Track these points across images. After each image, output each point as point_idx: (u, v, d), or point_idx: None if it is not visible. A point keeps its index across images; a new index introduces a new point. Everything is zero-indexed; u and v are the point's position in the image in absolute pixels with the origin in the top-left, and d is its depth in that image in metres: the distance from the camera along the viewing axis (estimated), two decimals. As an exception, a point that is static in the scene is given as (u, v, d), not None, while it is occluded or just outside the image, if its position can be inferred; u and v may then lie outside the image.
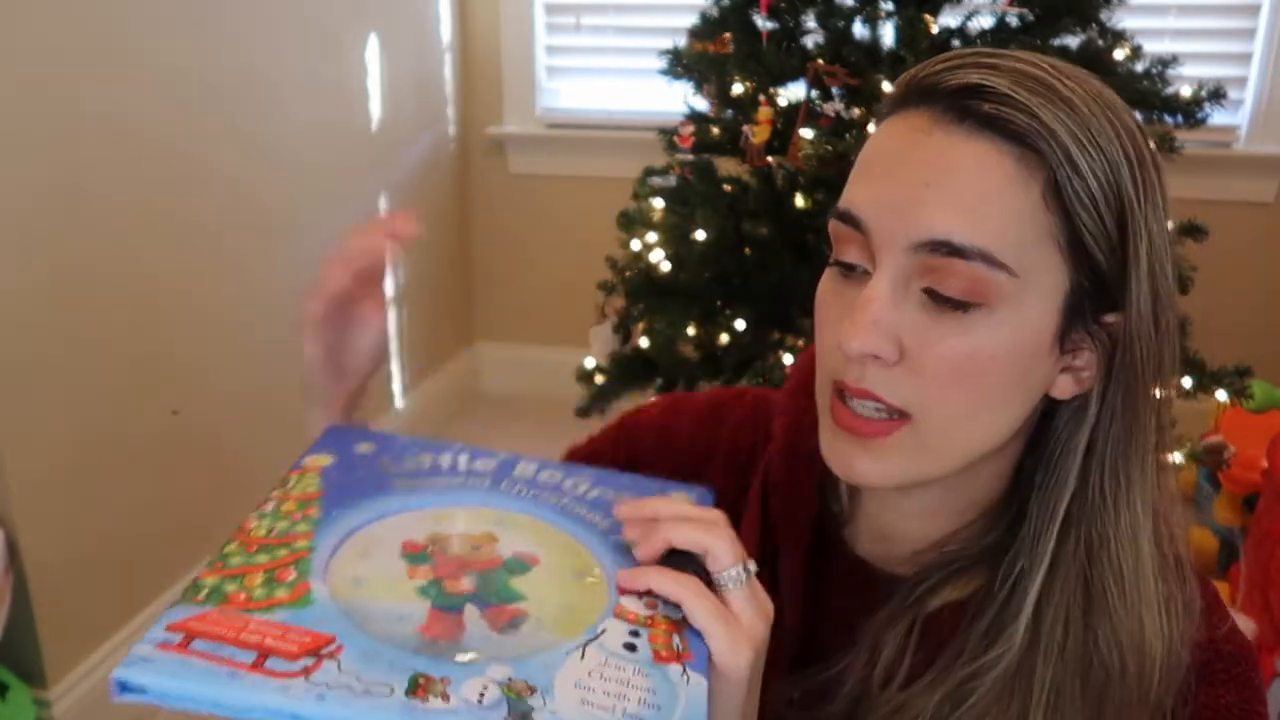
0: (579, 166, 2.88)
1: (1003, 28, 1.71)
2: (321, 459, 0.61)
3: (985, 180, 0.55)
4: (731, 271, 1.83)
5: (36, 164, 1.55)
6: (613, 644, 0.51)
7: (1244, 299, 2.55)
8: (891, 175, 0.57)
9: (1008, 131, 0.55)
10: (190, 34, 1.83)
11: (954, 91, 0.56)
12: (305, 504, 0.57)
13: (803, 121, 1.68)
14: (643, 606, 0.53)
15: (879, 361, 0.57)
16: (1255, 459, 2.10)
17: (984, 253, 0.54)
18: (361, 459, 0.61)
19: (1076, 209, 0.55)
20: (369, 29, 2.42)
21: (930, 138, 0.56)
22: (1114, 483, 0.59)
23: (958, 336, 0.56)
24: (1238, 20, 2.52)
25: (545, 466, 0.64)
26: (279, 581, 0.51)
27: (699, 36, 1.89)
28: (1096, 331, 0.58)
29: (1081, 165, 0.55)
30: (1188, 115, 1.70)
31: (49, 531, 1.62)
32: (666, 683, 0.50)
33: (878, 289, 0.56)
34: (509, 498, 0.60)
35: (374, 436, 0.64)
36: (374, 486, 0.59)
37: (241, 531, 0.54)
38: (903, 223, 0.56)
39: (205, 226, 1.91)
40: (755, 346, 1.82)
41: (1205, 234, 1.74)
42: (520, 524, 0.58)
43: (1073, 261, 0.56)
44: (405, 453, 0.62)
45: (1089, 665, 0.59)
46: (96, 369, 1.69)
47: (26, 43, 1.51)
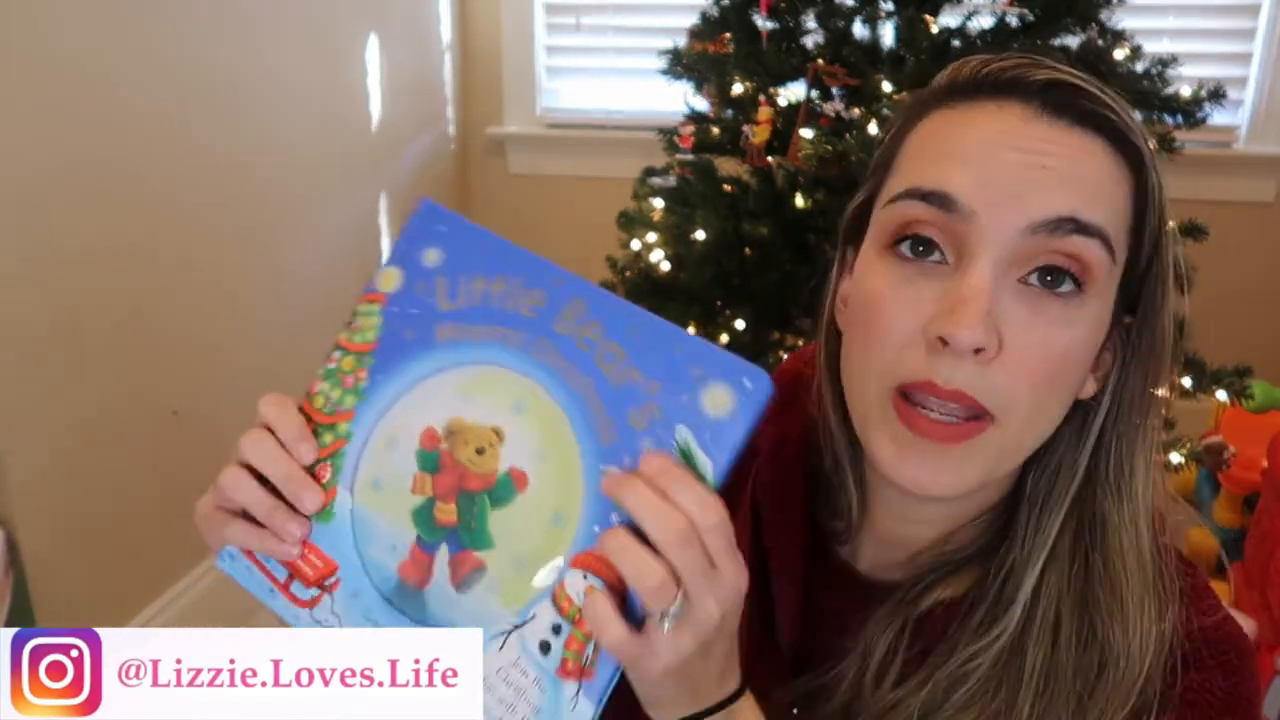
0: (579, 166, 2.87)
1: (1003, 28, 1.71)
2: (390, 278, 0.59)
3: (1096, 169, 0.56)
4: (731, 271, 1.83)
5: (36, 162, 1.54)
6: (532, 639, 0.52)
7: (1244, 299, 2.55)
8: (996, 160, 0.55)
9: (1107, 128, 0.56)
10: (190, 33, 1.83)
11: (1046, 85, 0.57)
12: (360, 361, 0.58)
13: (803, 121, 1.68)
14: (581, 591, 0.51)
15: (977, 358, 0.54)
16: (1255, 459, 2.10)
17: (1104, 231, 0.55)
18: (422, 285, 0.58)
19: (1149, 208, 0.58)
20: (369, 29, 2.42)
21: (1032, 126, 0.56)
22: (1119, 473, 0.60)
23: (1056, 327, 0.55)
24: (1238, 20, 2.52)
25: (592, 312, 0.54)
26: (318, 480, 0.56)
27: (699, 36, 1.89)
28: (1120, 329, 0.60)
29: (1156, 167, 0.57)
30: (1188, 115, 1.70)
31: (49, 530, 1.62)
32: (556, 704, 0.51)
33: (984, 276, 0.53)
34: (543, 356, 0.54)
35: (447, 238, 0.59)
36: (420, 340, 0.57)
37: (308, 399, 0.58)
38: (1020, 203, 0.54)
39: (205, 226, 1.91)
40: (755, 346, 1.82)
41: (1205, 234, 1.74)
42: (536, 410, 0.54)
43: (1130, 257, 0.58)
44: (465, 271, 0.58)
45: (1081, 650, 0.59)
46: (97, 368, 1.69)
47: (27, 43, 1.51)
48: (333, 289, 2.18)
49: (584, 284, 0.55)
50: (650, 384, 0.51)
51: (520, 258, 0.57)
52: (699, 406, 0.50)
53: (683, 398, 0.50)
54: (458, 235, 0.59)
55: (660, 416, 0.51)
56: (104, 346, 1.70)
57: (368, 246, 2.52)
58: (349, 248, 2.41)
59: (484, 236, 0.59)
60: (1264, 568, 1.89)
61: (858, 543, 0.68)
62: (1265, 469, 2.00)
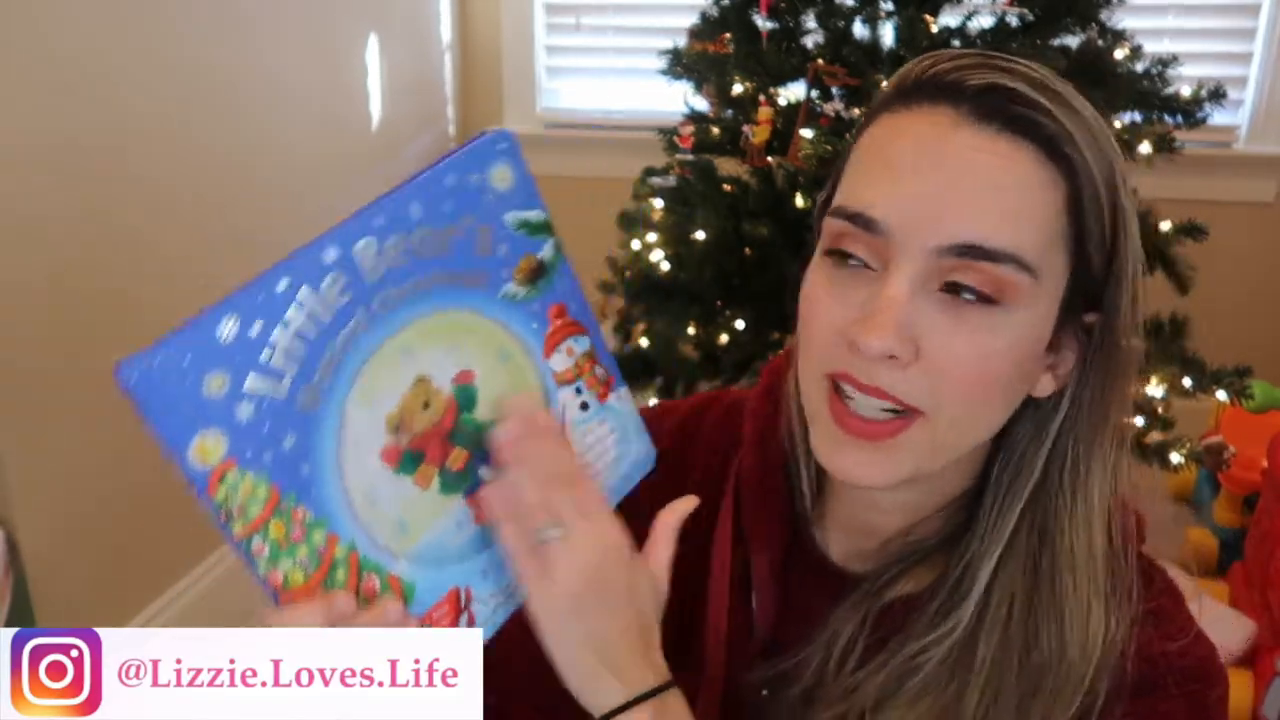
0: (579, 166, 2.87)
1: (1003, 28, 1.71)
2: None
3: (1013, 182, 0.55)
4: (731, 271, 1.83)
5: (39, 164, 1.54)
6: (574, 414, 0.61)
7: (1244, 299, 2.55)
8: (916, 176, 0.56)
9: (1037, 134, 0.55)
10: (190, 33, 1.83)
11: (980, 90, 0.56)
12: (274, 518, 0.50)
13: (803, 121, 1.68)
14: (565, 357, 0.60)
15: (892, 362, 0.56)
16: (1255, 459, 2.10)
17: (1013, 255, 0.55)
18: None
19: (1088, 215, 0.57)
20: (369, 29, 2.42)
21: (956, 134, 0.56)
22: (1074, 474, 0.61)
23: (980, 334, 0.56)
24: (1238, 20, 2.52)
25: (369, 234, 0.53)
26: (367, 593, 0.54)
27: (699, 36, 1.89)
28: (1078, 331, 0.60)
29: (1095, 172, 0.56)
30: (1188, 115, 1.70)
31: (49, 530, 1.62)
32: (614, 414, 0.63)
33: (898, 288, 0.56)
34: (401, 301, 0.53)
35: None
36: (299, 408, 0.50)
37: (284, 590, 0.51)
38: (929, 226, 0.55)
39: (206, 226, 1.91)
40: (755, 346, 1.82)
41: (1205, 234, 1.74)
42: (427, 331, 0.54)
43: (1073, 264, 0.58)
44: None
45: (1029, 647, 0.60)
46: (97, 368, 1.68)
47: (27, 43, 1.51)
48: (333, 289, 2.17)
49: (340, 230, 0.53)
50: (460, 224, 0.54)
51: (328, 238, 0.54)
52: (494, 192, 0.55)
53: (486, 199, 0.55)
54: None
55: (492, 235, 0.56)
56: (104, 346, 1.70)
57: (368, 246, 2.51)
58: (349, 248, 2.41)
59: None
60: (1264, 568, 1.89)
61: (828, 531, 0.70)
62: (1265, 469, 2.00)
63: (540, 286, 0.58)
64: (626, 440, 0.64)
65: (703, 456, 0.76)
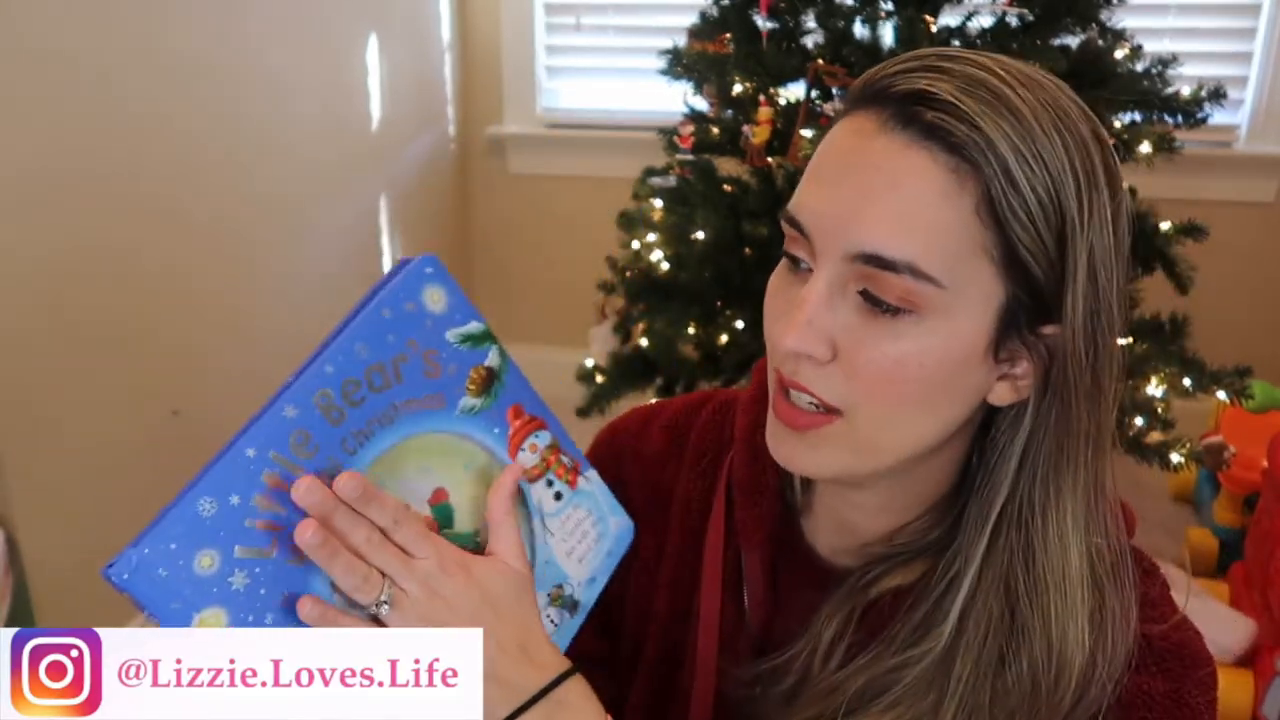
0: (579, 166, 2.87)
1: (1003, 28, 1.71)
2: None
3: (918, 192, 0.55)
4: (731, 271, 1.83)
5: (34, 162, 1.54)
6: (549, 506, 0.63)
7: (1244, 299, 2.55)
8: (834, 183, 0.58)
9: (946, 142, 0.54)
10: (190, 33, 1.83)
11: (901, 97, 0.56)
12: None
13: (803, 121, 1.68)
14: (530, 454, 0.62)
15: (810, 360, 0.58)
16: (1255, 459, 2.10)
17: (911, 266, 0.55)
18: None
19: (1011, 223, 0.55)
20: (369, 29, 2.42)
21: (874, 143, 0.56)
22: (1044, 493, 0.60)
23: (888, 341, 0.57)
24: (1238, 20, 2.52)
25: (324, 384, 0.55)
26: None
27: (699, 36, 1.89)
28: (1034, 343, 0.58)
29: (1019, 179, 0.54)
30: (1188, 115, 1.70)
31: (49, 530, 1.62)
32: (587, 497, 0.65)
33: (814, 290, 0.58)
34: (368, 437, 0.56)
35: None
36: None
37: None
38: (840, 233, 0.57)
39: (205, 226, 1.91)
40: (755, 346, 1.82)
41: (1205, 234, 1.74)
42: (395, 461, 0.57)
43: (1008, 274, 0.56)
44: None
45: (1004, 669, 0.60)
46: (97, 368, 1.69)
47: (26, 42, 1.51)
48: (332, 288, 2.18)
49: (295, 386, 0.54)
50: (407, 350, 0.57)
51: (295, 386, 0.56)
52: (431, 316, 0.58)
53: (424, 324, 0.57)
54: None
55: (438, 357, 0.58)
56: (104, 346, 1.70)
57: (368, 246, 2.52)
58: (349, 247, 2.41)
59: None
60: (1264, 568, 1.89)
61: (814, 524, 0.71)
62: (1265, 469, 2.00)
63: (494, 392, 0.61)
64: (604, 520, 0.67)
65: (691, 458, 0.77)
